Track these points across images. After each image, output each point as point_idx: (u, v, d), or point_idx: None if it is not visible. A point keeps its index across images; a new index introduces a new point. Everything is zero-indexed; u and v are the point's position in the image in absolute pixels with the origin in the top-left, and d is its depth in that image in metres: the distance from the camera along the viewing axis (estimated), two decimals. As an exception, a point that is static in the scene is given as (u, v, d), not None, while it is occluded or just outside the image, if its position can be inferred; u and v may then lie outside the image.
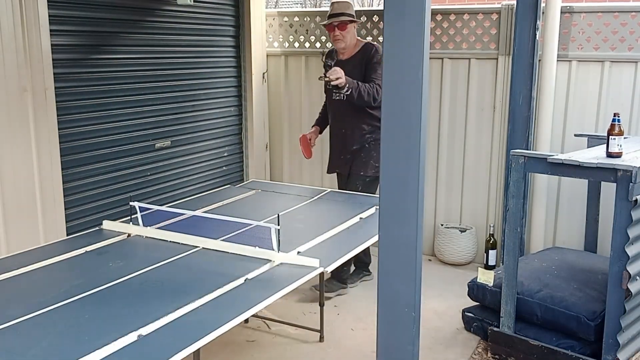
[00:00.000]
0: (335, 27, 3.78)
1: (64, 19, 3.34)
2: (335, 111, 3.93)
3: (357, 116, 3.83)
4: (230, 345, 3.27)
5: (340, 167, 3.99)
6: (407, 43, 1.84)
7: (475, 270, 3.51)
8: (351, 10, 3.86)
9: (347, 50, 3.86)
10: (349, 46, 3.85)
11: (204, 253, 2.61)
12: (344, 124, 3.89)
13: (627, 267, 2.69)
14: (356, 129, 3.86)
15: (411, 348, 2.01)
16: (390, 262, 2.00)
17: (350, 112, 3.82)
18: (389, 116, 1.91)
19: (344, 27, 3.77)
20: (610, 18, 3.92)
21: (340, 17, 3.77)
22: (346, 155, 3.91)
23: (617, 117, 2.87)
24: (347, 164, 3.93)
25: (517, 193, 3.05)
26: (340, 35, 3.78)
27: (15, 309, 2.03)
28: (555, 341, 3.03)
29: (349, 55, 3.86)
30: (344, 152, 3.92)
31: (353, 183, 3.88)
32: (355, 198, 3.60)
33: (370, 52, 3.79)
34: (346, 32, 3.79)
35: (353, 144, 3.87)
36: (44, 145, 3.23)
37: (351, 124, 3.86)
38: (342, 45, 3.82)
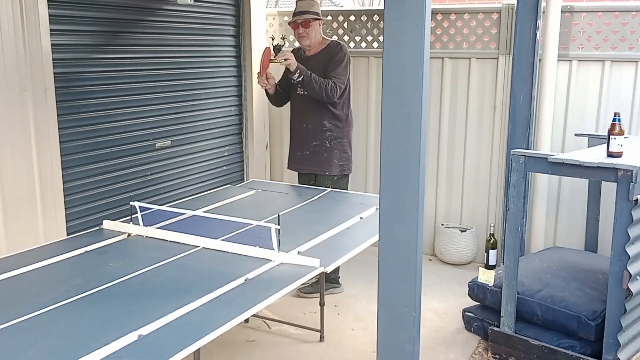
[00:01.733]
0: (300, 24, 3.83)
1: (64, 18, 3.34)
2: (297, 106, 3.97)
3: (319, 112, 3.87)
4: (231, 345, 3.27)
5: (299, 164, 4.01)
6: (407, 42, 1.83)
7: (476, 270, 3.51)
8: (316, 9, 3.90)
9: (313, 48, 3.90)
10: (313, 43, 3.88)
11: (204, 253, 2.61)
12: (305, 119, 3.92)
13: (627, 266, 2.69)
14: (317, 125, 3.89)
15: (411, 348, 2.01)
16: (391, 261, 2.00)
17: (312, 108, 3.87)
18: (390, 116, 1.91)
19: (307, 24, 3.82)
20: (611, 17, 3.92)
21: (304, 15, 3.82)
22: (304, 151, 3.95)
23: (617, 116, 2.87)
24: (307, 162, 3.96)
25: (518, 193, 3.04)
26: (305, 33, 3.84)
27: (15, 308, 2.03)
28: (556, 341, 3.03)
29: (314, 52, 3.91)
30: (303, 148, 3.95)
31: (322, 183, 3.91)
32: (355, 198, 3.60)
33: (335, 49, 3.84)
34: (310, 30, 3.83)
35: (313, 139, 3.90)
36: (44, 145, 3.23)
37: (313, 119, 3.89)
38: (306, 42, 3.87)
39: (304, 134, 3.94)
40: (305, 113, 3.91)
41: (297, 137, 4.01)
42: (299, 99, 3.93)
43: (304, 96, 3.87)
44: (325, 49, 3.89)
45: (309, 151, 3.93)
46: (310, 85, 3.72)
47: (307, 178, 4.05)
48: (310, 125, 3.91)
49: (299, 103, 3.96)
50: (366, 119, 4.76)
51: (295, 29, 3.88)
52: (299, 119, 3.98)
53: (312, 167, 3.96)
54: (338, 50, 3.83)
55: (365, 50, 4.73)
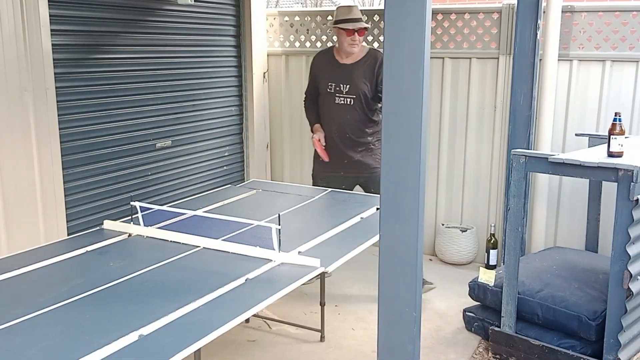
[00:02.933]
0: (355, 31, 3.78)
1: (64, 18, 3.34)
2: (336, 115, 3.89)
3: (360, 120, 3.87)
4: (231, 345, 3.27)
5: (349, 168, 3.92)
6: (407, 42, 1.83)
7: (476, 269, 3.51)
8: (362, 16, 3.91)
9: (354, 55, 3.87)
10: (357, 51, 3.87)
11: (204, 253, 2.61)
12: (346, 127, 3.87)
13: (628, 266, 2.68)
14: (359, 132, 3.88)
15: (412, 348, 2.01)
16: (391, 261, 2.00)
17: (354, 116, 3.85)
18: (390, 116, 1.91)
19: (363, 32, 3.82)
20: (611, 17, 3.92)
21: (359, 23, 3.79)
22: (352, 158, 3.90)
23: (618, 116, 2.87)
24: (358, 166, 3.90)
25: (518, 193, 3.04)
26: (359, 41, 3.81)
27: (16, 308, 2.03)
28: (556, 341, 3.03)
29: (355, 59, 3.87)
30: (350, 154, 3.90)
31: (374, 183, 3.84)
32: (355, 198, 3.60)
33: (377, 55, 3.83)
34: (362, 37, 3.84)
35: (358, 146, 3.89)
36: (45, 145, 3.23)
37: (354, 127, 3.87)
38: (356, 49, 3.83)
39: (347, 142, 3.88)
40: (347, 122, 3.86)
41: (339, 145, 3.90)
42: (338, 108, 3.86)
43: (344, 105, 3.83)
44: (368, 57, 3.86)
45: (357, 156, 3.89)
46: None
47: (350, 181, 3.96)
48: (353, 133, 3.87)
49: (338, 112, 3.87)
50: (367, 119, 4.75)
51: (349, 35, 3.78)
52: (338, 128, 3.89)
53: (364, 171, 3.90)
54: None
55: (365, 50, 4.72)
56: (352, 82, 3.83)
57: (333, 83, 3.87)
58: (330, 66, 3.90)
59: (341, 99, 3.83)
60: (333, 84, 3.87)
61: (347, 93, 3.84)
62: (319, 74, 4.00)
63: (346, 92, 3.85)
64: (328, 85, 3.89)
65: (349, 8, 3.87)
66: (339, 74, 3.87)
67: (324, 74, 3.95)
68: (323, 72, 3.96)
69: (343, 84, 3.85)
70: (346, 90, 3.85)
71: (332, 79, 3.88)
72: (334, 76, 3.88)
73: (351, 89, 3.84)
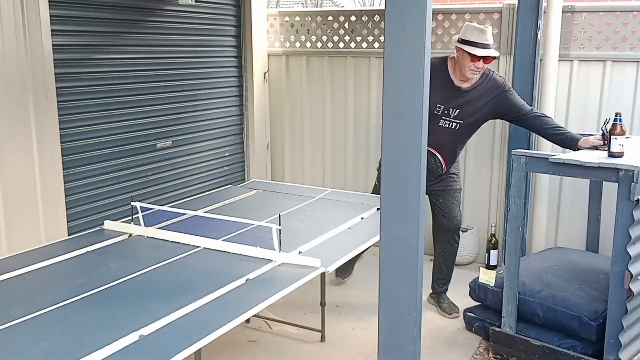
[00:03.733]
0: (482, 58, 3.36)
1: (65, 19, 3.34)
2: (438, 138, 3.43)
3: (458, 144, 3.65)
4: (232, 345, 3.27)
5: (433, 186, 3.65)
6: (408, 43, 1.83)
7: (477, 270, 3.51)
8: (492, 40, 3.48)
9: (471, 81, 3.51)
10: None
11: (205, 253, 2.61)
12: (444, 150, 3.56)
13: (628, 267, 2.68)
14: (453, 155, 3.66)
15: (412, 348, 2.01)
16: (392, 262, 2.00)
17: (454, 141, 3.59)
18: (390, 116, 1.91)
19: (490, 60, 3.41)
20: (612, 17, 3.91)
21: (490, 51, 3.37)
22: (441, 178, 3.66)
23: (618, 116, 2.87)
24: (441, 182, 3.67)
25: (519, 193, 3.04)
26: (483, 69, 3.42)
27: (17, 308, 2.03)
28: (557, 341, 3.03)
29: (470, 83, 3.49)
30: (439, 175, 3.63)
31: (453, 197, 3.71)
32: (356, 198, 3.60)
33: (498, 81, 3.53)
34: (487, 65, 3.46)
35: (446, 168, 3.63)
36: (45, 145, 3.23)
37: (450, 151, 3.62)
38: (477, 77, 3.46)
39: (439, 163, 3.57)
40: (447, 145, 3.56)
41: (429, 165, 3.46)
42: (441, 131, 3.50)
43: (448, 129, 3.52)
44: (487, 82, 3.50)
45: (445, 175, 3.66)
46: None
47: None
48: (447, 156, 3.59)
49: (440, 135, 3.47)
50: (367, 120, 4.75)
51: (474, 61, 3.35)
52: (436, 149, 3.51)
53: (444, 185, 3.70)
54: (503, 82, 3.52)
55: (366, 51, 4.73)
56: (463, 108, 3.49)
57: (442, 105, 3.49)
58: (444, 85, 3.46)
59: (446, 123, 3.51)
60: (442, 106, 3.49)
61: (455, 117, 3.51)
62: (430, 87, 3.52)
63: (453, 117, 3.52)
64: (436, 106, 3.48)
65: (481, 31, 3.38)
66: (451, 97, 3.48)
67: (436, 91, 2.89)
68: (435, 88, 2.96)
69: (453, 107, 3.49)
70: (454, 115, 3.51)
71: (442, 101, 3.48)
72: (445, 98, 3.48)
73: (460, 114, 3.50)
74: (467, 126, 3.55)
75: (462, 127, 3.53)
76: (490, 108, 3.52)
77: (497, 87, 3.51)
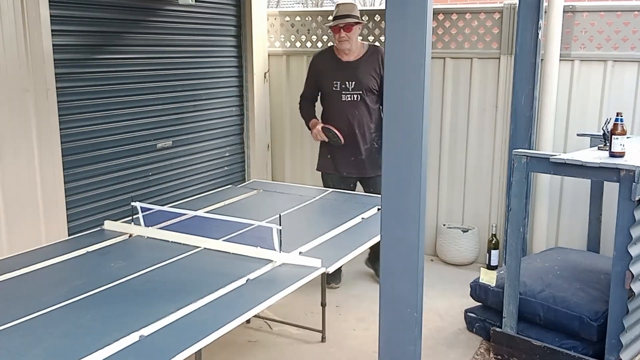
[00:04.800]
0: (341, 28, 3.82)
1: (65, 19, 3.34)
2: (343, 112, 3.90)
3: (367, 116, 3.92)
4: (232, 346, 3.26)
5: (356, 168, 3.96)
6: (408, 43, 1.83)
7: (478, 270, 3.51)
8: (356, 12, 3.92)
9: (353, 52, 3.91)
10: (353, 47, 3.90)
11: (205, 253, 2.61)
12: (356, 124, 3.90)
13: (629, 267, 2.68)
14: (366, 129, 3.92)
15: (413, 348, 2.01)
16: (393, 262, 2.00)
17: (362, 112, 3.89)
18: (391, 116, 1.91)
19: (349, 28, 3.82)
20: (613, 17, 3.91)
21: (346, 19, 3.81)
22: (358, 156, 3.93)
23: (619, 116, 2.87)
24: (363, 165, 3.94)
25: (520, 193, 3.04)
26: (347, 37, 3.83)
27: (17, 309, 2.03)
28: (558, 341, 3.03)
29: (356, 56, 3.92)
30: (357, 153, 3.93)
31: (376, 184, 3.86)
32: (357, 198, 3.59)
33: (381, 50, 3.90)
34: (352, 34, 3.84)
35: (364, 143, 3.93)
36: (46, 146, 3.23)
37: (363, 124, 3.91)
38: (347, 46, 3.86)
39: (354, 139, 3.90)
40: (356, 117, 3.90)
41: (348, 142, 3.89)
42: (345, 105, 3.89)
43: (351, 102, 3.88)
44: (370, 53, 3.92)
45: (362, 155, 3.93)
46: None
47: (349, 181, 4.01)
48: (362, 130, 3.91)
49: (346, 109, 3.89)
50: (368, 119, 4.75)
51: (337, 32, 3.85)
52: (347, 124, 3.90)
53: (368, 170, 3.95)
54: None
55: (366, 51, 4.72)
56: (357, 79, 3.86)
57: (338, 81, 3.89)
58: (333, 65, 3.93)
59: (348, 96, 3.87)
60: (338, 82, 3.89)
61: (354, 90, 3.87)
62: (321, 74, 4.01)
63: (352, 89, 3.88)
64: (333, 84, 3.90)
65: (340, 6, 3.91)
66: (343, 72, 3.90)
67: (327, 73, 3.96)
68: (326, 72, 3.97)
69: (349, 81, 3.87)
70: (352, 87, 3.87)
71: (337, 77, 3.90)
72: (338, 74, 3.90)
73: (357, 85, 3.87)
74: (367, 94, 3.88)
75: (362, 97, 3.87)
76: (377, 72, 3.88)
77: (379, 55, 3.89)
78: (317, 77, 4.03)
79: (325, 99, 4.02)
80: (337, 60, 3.93)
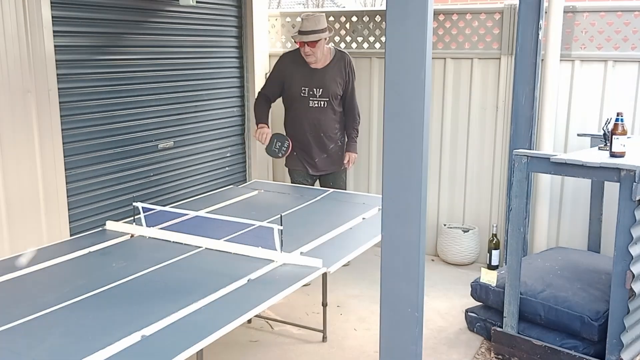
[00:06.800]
0: (305, 43, 3.89)
1: (67, 20, 3.35)
2: (311, 118, 4.05)
3: (333, 119, 4.09)
4: (233, 346, 3.27)
5: (320, 167, 4.16)
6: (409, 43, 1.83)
7: (478, 270, 3.51)
8: (321, 25, 3.93)
9: (320, 60, 4.00)
10: (320, 59, 3.98)
11: (206, 253, 2.61)
12: (321, 128, 4.07)
13: (630, 267, 2.68)
14: (332, 131, 4.10)
15: (414, 348, 2.01)
16: (393, 262, 2.00)
17: (329, 117, 4.06)
18: (392, 116, 1.91)
19: (313, 44, 3.89)
20: (614, 17, 3.91)
21: (310, 36, 3.87)
22: (322, 155, 4.13)
23: (620, 116, 2.87)
24: (327, 164, 4.17)
25: (520, 193, 3.04)
26: (310, 51, 3.91)
27: (19, 309, 2.03)
28: (559, 341, 3.03)
29: (324, 63, 4.02)
30: (322, 153, 4.13)
31: (339, 178, 4.24)
32: (357, 198, 3.60)
33: (348, 62, 4.06)
34: (316, 49, 3.92)
35: (330, 143, 4.12)
36: (47, 146, 3.24)
37: (328, 127, 4.09)
38: (312, 59, 3.96)
39: (322, 141, 4.09)
40: (322, 122, 4.06)
41: (313, 144, 4.09)
42: (312, 111, 4.04)
43: (319, 108, 4.02)
44: (336, 60, 4.04)
45: (326, 154, 4.13)
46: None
47: (313, 178, 4.22)
48: (328, 133, 4.08)
49: (313, 114, 4.05)
50: (368, 120, 4.76)
51: (301, 47, 3.93)
52: (313, 129, 4.07)
53: (332, 167, 4.18)
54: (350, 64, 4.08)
55: (367, 51, 4.73)
56: (325, 86, 3.99)
57: (306, 87, 4.00)
58: (302, 71, 4.00)
59: (315, 102, 4.01)
60: (306, 88, 4.00)
61: (321, 96, 4.01)
62: (289, 77, 4.04)
63: (320, 96, 4.01)
64: (301, 89, 4.01)
65: (305, 19, 3.94)
66: (310, 79, 4.00)
67: (296, 77, 4.02)
68: (294, 76, 4.02)
69: (317, 88, 3.99)
70: (320, 94, 4.01)
71: (305, 84, 4.00)
72: (307, 81, 4.00)
73: (324, 92, 4.00)
74: (333, 100, 4.03)
75: (329, 104, 4.02)
76: (342, 78, 4.03)
77: (344, 66, 4.04)
78: (284, 79, 4.06)
79: (291, 103, 4.10)
80: (305, 66, 4.00)
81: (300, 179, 4.19)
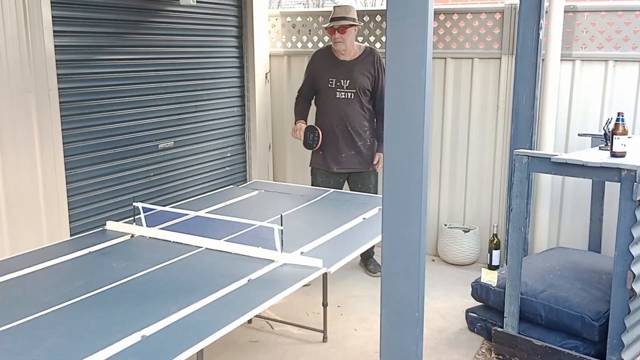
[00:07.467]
0: (336, 30, 3.95)
1: (67, 20, 3.35)
2: (338, 109, 4.05)
3: (361, 114, 4.06)
4: (234, 346, 3.27)
5: (344, 165, 4.11)
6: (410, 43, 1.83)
7: (479, 270, 3.51)
8: (352, 14, 4.02)
9: (349, 52, 4.04)
10: (349, 48, 4.02)
11: (207, 253, 2.61)
12: (349, 121, 4.05)
13: (631, 267, 2.68)
14: (360, 126, 4.06)
15: (414, 348, 2.01)
16: (394, 262, 2.00)
17: (355, 110, 4.04)
18: (392, 116, 1.91)
19: (344, 30, 3.95)
20: (614, 17, 3.91)
21: (341, 22, 3.94)
22: (349, 152, 4.08)
23: (621, 116, 2.87)
24: (352, 161, 4.10)
25: (521, 193, 3.04)
26: (341, 38, 3.96)
27: (19, 309, 2.03)
28: (560, 341, 3.02)
29: (353, 57, 4.06)
30: (349, 149, 4.08)
31: (366, 179, 4.14)
32: (358, 198, 3.60)
33: (378, 59, 4.04)
34: (346, 35, 3.96)
35: (359, 139, 4.07)
36: (48, 146, 3.23)
37: (356, 121, 4.05)
38: (342, 47, 3.99)
39: (350, 136, 4.06)
40: (349, 115, 4.04)
41: (341, 138, 4.07)
42: (339, 102, 4.04)
43: (345, 100, 4.02)
44: (366, 55, 4.05)
45: (354, 151, 4.09)
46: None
47: (339, 177, 4.16)
48: (356, 127, 4.06)
49: (339, 106, 4.05)
50: (369, 120, 4.75)
51: (332, 34, 3.98)
52: (340, 121, 4.06)
53: (358, 166, 4.12)
54: (382, 64, 4.00)
55: (367, 51, 4.72)
56: (352, 77, 4.01)
57: (333, 78, 4.04)
58: (330, 63, 4.07)
59: (342, 94, 4.01)
60: (334, 79, 4.04)
61: (348, 88, 4.01)
62: (318, 70, 4.13)
63: (347, 87, 4.02)
64: (329, 81, 4.05)
65: (336, 7, 4.04)
66: (338, 70, 4.04)
67: (324, 70, 4.09)
68: (323, 69, 4.10)
69: (344, 79, 4.02)
70: (347, 85, 4.02)
71: (332, 75, 4.05)
72: (334, 72, 4.05)
73: (351, 83, 4.01)
74: (360, 93, 4.02)
75: (356, 96, 4.01)
76: (371, 73, 4.02)
77: (375, 61, 4.04)
78: (314, 73, 4.15)
79: (320, 95, 4.14)
80: (333, 59, 4.07)
81: (322, 178, 4.16)
